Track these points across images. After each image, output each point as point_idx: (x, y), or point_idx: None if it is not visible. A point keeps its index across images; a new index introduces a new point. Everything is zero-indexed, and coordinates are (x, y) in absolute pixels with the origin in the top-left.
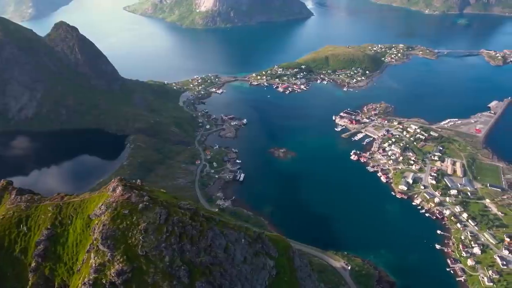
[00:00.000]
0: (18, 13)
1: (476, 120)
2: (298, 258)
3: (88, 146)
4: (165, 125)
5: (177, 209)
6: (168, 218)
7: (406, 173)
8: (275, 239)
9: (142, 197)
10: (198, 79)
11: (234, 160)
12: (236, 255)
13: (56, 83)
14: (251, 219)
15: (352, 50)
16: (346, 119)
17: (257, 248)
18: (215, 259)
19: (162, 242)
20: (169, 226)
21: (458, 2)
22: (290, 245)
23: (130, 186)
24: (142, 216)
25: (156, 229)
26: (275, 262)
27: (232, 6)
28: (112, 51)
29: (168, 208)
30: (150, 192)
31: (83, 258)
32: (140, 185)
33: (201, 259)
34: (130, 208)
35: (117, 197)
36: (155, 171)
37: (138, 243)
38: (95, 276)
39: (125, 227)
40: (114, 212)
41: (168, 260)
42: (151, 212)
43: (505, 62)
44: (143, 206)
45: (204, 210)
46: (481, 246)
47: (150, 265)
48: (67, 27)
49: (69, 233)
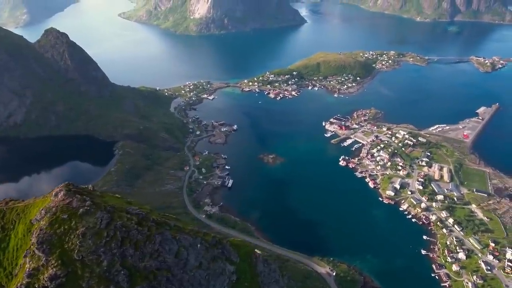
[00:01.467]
0: (13, 19)
1: (464, 125)
2: (262, 264)
3: (77, 152)
4: (154, 131)
5: (124, 214)
6: (111, 223)
7: (394, 179)
8: (237, 244)
9: (83, 202)
10: (190, 85)
11: (223, 166)
12: (189, 260)
13: (46, 89)
14: (238, 225)
15: (343, 56)
16: (336, 125)
17: (215, 253)
18: (163, 263)
19: (100, 246)
20: (110, 231)
21: (449, 10)
22: (253, 250)
23: (74, 191)
24: (82, 221)
25: (96, 233)
26: (236, 267)
27: (226, 13)
28: (105, 57)
29: (111, 213)
30: (99, 197)
31: (21, 263)
32: (91, 191)
33: (145, 264)
34: (70, 212)
35: (58, 202)
36: (143, 177)
37: (74, 248)
38: (28, 280)
39: (63, 231)
40: (53, 216)
41: (106, 264)
42: (91, 216)
43: (493, 68)
44: (84, 211)
45: (158, 215)
46: (466, 252)
47: (85, 269)
48: (57, 33)
49: (10, 238)
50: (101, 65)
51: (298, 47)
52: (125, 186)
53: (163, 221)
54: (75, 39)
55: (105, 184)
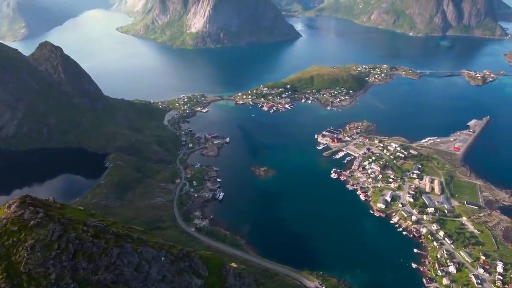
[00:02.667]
0: (11, 33)
1: (455, 138)
2: (233, 277)
3: (68, 165)
4: (146, 143)
5: (79, 226)
6: (63, 235)
7: (385, 191)
8: (207, 257)
9: (36, 214)
10: (184, 98)
11: (215, 178)
12: (151, 273)
13: (39, 101)
14: (228, 238)
15: (336, 70)
16: (328, 138)
17: (181, 266)
18: (120, 277)
19: (50, 259)
20: (62, 243)
21: (441, 25)
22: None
23: (29, 203)
24: (31, 233)
25: (45, 245)
26: (204, 281)
27: (222, 27)
28: (100, 70)
29: (65, 225)
30: (58, 210)
31: None
32: (51, 203)
33: (99, 277)
34: (21, 224)
35: (9, 214)
36: (133, 190)
37: (22, 260)
38: None
39: (11, 244)
40: (2, 228)
41: (55, 277)
42: (43, 229)
43: (484, 82)
44: (35, 223)
45: (123, 228)
46: (456, 265)
47: (32, 282)
48: (51, 47)
49: None
50: (96, 78)
51: (293, 61)
52: (114, 199)
53: (126, 233)
54: (72, 53)
55: (94, 197)
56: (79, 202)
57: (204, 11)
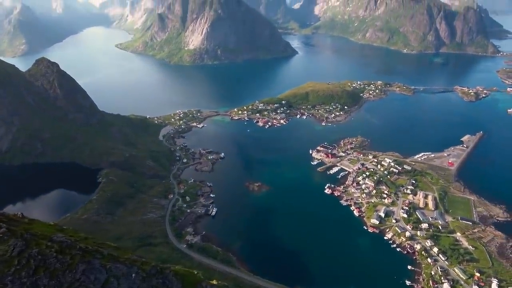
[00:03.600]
0: (11, 49)
1: (449, 153)
2: None
3: (61, 180)
4: (140, 158)
5: (44, 241)
6: (25, 251)
7: (379, 207)
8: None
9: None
10: (180, 114)
11: (208, 194)
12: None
13: (34, 117)
14: (219, 255)
15: (331, 86)
16: (322, 153)
17: (153, 283)
18: None
19: (8, 275)
20: (23, 259)
21: (434, 43)
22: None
23: None
24: None
25: (4, 261)
26: None
27: (220, 44)
28: (97, 86)
29: (28, 240)
30: (24, 225)
31: None
32: (19, 218)
33: None
34: None
35: None
36: (125, 206)
37: None
38: None
39: None
40: None
41: None
42: (4, 244)
43: (477, 98)
44: None
45: (93, 243)
46: (451, 282)
47: None
48: (48, 63)
49: None
50: (93, 94)
51: (289, 77)
52: (105, 215)
53: (95, 249)
54: (69, 69)
55: (85, 212)
56: (69, 218)
57: (202, 29)
